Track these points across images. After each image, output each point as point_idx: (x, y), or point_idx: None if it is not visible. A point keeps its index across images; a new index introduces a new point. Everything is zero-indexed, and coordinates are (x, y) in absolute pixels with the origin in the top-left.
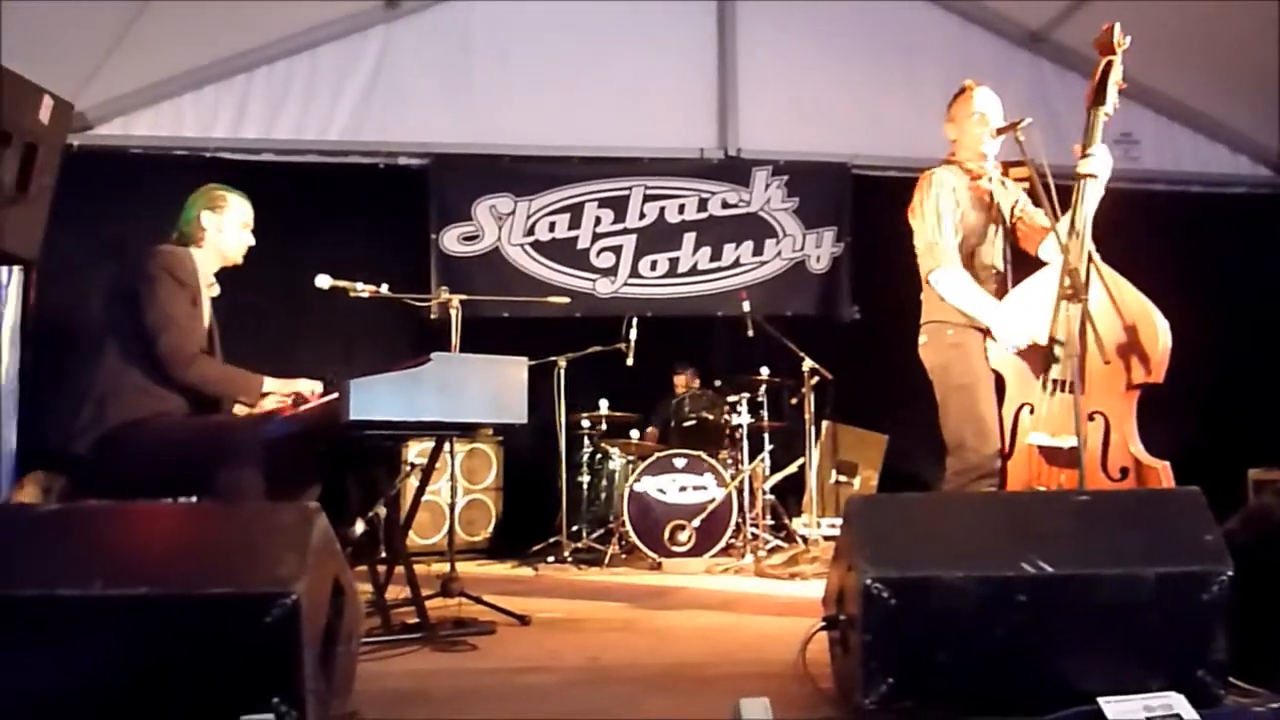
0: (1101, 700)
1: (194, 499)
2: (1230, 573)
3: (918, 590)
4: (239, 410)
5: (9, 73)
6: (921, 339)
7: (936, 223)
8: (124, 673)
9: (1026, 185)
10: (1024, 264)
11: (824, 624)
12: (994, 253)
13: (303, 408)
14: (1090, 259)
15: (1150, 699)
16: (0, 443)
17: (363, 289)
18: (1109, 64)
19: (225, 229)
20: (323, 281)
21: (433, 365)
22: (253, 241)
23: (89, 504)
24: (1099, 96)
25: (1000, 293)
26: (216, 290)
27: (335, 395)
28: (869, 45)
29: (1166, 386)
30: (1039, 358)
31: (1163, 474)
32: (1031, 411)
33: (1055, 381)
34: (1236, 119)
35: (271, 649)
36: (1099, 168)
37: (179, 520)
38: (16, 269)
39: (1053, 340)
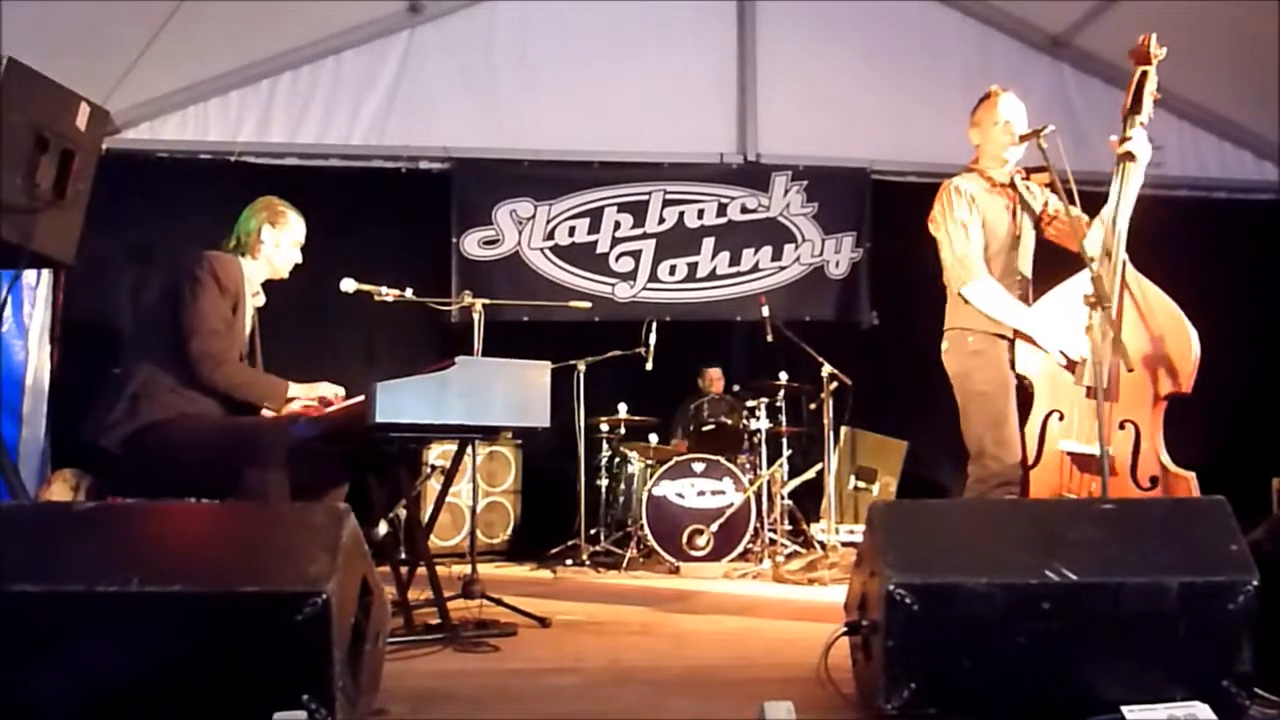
0: (1125, 709)
1: (216, 502)
2: (1256, 583)
3: (941, 596)
4: (266, 413)
5: (47, 80)
6: (943, 346)
7: (964, 235)
8: (159, 668)
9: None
10: (1049, 269)
11: (846, 629)
12: (1018, 259)
13: (329, 410)
14: (1123, 268)
15: (1175, 708)
16: (30, 441)
17: (387, 293)
18: (1144, 74)
19: (281, 245)
20: (348, 285)
21: (457, 369)
22: (300, 260)
23: (126, 502)
24: (1134, 106)
25: (1025, 299)
26: (262, 300)
27: (361, 398)
28: (889, 50)
29: (1192, 395)
30: (1073, 364)
31: (1190, 484)
32: (1061, 418)
33: (1088, 388)
34: (1262, 125)
35: (302, 647)
36: (1138, 148)
37: (213, 519)
38: (46, 271)
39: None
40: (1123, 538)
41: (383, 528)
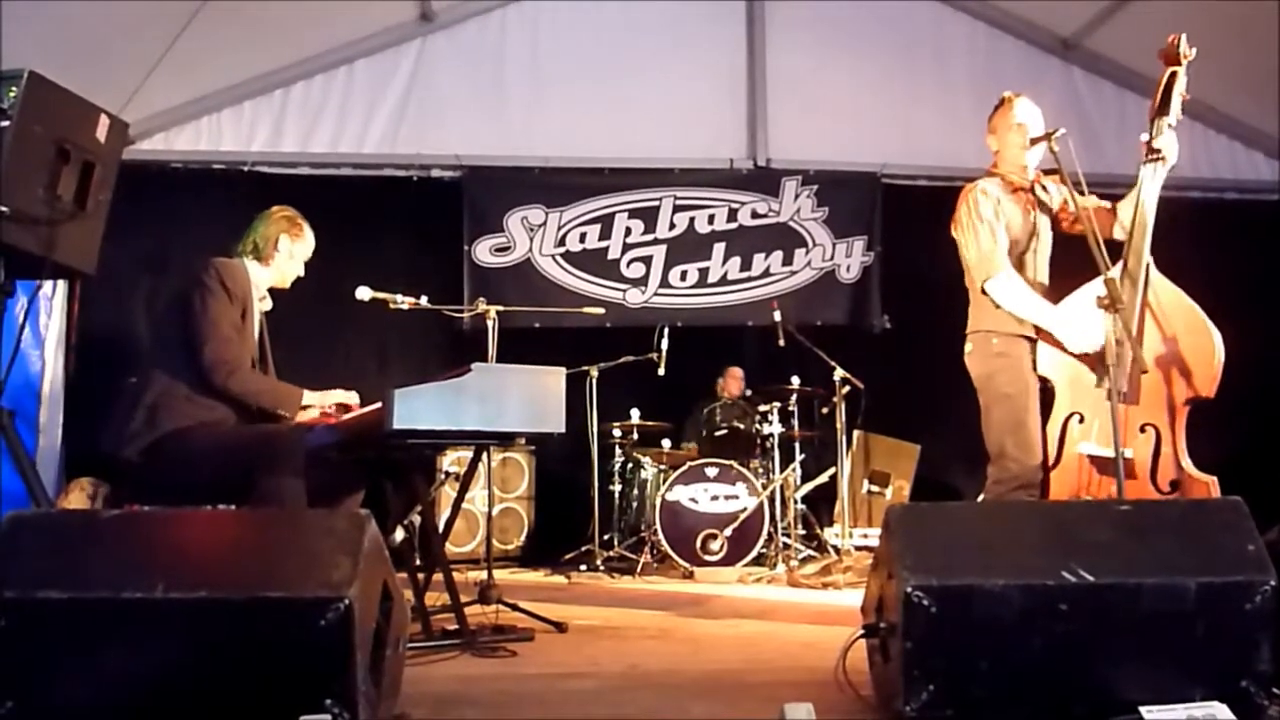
0: (1144, 709)
1: (232, 508)
2: (1273, 582)
3: (959, 599)
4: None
5: (68, 93)
6: (967, 347)
7: (989, 234)
8: (184, 673)
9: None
10: (1064, 273)
11: (864, 631)
12: (1038, 262)
13: (346, 416)
14: (1147, 271)
15: (1193, 709)
16: (47, 450)
17: (403, 301)
18: (1173, 75)
19: (295, 257)
20: (363, 293)
21: (473, 375)
22: (302, 274)
23: (150, 509)
24: (1162, 107)
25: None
26: (269, 304)
27: (378, 405)
28: (898, 55)
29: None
30: (1099, 366)
31: (1212, 488)
32: (1081, 421)
33: (1109, 391)
34: (1273, 126)
35: (325, 652)
36: (1168, 149)
37: (236, 525)
38: (61, 281)
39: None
40: (1140, 539)
41: (399, 534)
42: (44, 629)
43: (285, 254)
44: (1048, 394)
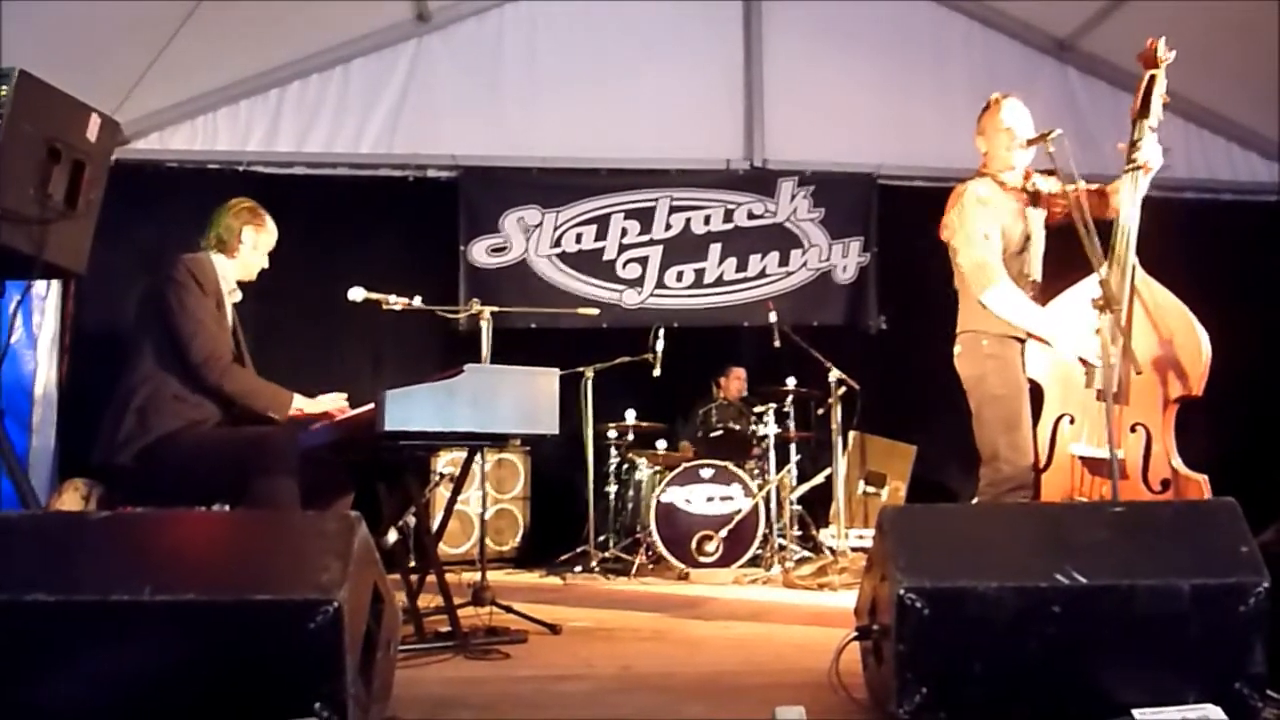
0: (1137, 712)
1: (225, 507)
2: (1267, 584)
3: (952, 601)
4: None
5: (58, 92)
6: (956, 349)
7: (982, 240)
8: (172, 676)
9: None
10: (1056, 273)
11: (857, 634)
12: (1030, 261)
13: (339, 417)
14: (1133, 272)
15: (1187, 711)
16: (40, 451)
17: (396, 301)
18: (1152, 78)
19: (259, 248)
20: (356, 294)
21: (466, 376)
22: (267, 266)
23: (139, 511)
24: (1143, 110)
25: (1036, 301)
26: (239, 296)
27: (371, 406)
28: (895, 55)
29: (1203, 397)
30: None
31: (1203, 487)
32: (1072, 421)
33: (1098, 391)
34: (1269, 127)
35: (314, 655)
36: (1150, 157)
37: (225, 528)
38: (55, 281)
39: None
40: (1133, 540)
41: (392, 535)
42: (32, 632)
43: (249, 245)
44: (1036, 396)
